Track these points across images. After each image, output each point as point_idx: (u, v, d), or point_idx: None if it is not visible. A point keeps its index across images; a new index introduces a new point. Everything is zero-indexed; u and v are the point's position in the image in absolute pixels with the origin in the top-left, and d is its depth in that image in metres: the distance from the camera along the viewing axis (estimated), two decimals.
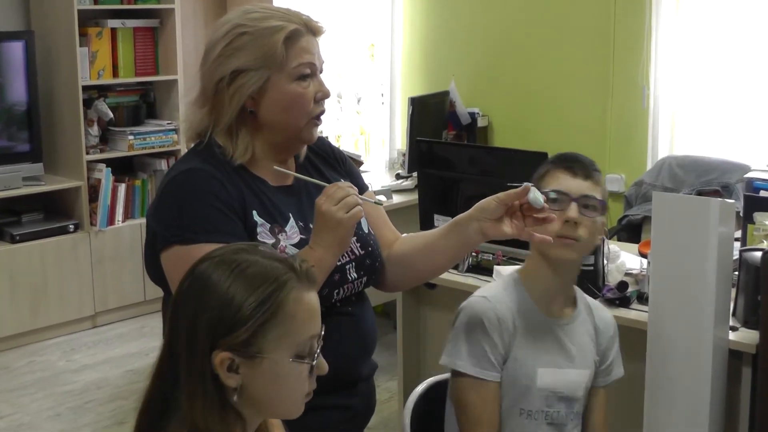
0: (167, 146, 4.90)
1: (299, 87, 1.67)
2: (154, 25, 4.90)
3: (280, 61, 1.65)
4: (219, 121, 1.68)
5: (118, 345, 4.49)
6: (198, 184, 1.63)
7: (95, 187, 4.65)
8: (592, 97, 4.66)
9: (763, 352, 2.28)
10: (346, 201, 1.60)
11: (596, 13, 4.59)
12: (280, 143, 1.72)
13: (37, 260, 4.46)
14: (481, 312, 1.86)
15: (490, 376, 1.84)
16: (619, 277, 2.76)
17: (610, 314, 2.09)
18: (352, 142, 5.70)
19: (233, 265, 1.22)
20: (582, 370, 1.92)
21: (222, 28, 1.70)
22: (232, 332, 1.19)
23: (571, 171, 1.88)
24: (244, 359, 1.20)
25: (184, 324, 1.22)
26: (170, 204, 1.65)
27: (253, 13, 1.69)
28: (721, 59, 4.24)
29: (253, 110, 1.68)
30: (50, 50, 4.61)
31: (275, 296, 1.21)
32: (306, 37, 1.69)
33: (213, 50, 1.68)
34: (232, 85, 1.65)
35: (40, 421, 3.70)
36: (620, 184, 4.59)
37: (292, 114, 1.68)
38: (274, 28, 1.65)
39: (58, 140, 4.69)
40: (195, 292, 1.22)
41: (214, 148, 1.69)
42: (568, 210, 1.83)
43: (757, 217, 2.74)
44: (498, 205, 1.68)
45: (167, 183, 1.67)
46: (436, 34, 5.27)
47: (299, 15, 1.70)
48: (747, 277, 2.43)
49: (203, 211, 1.61)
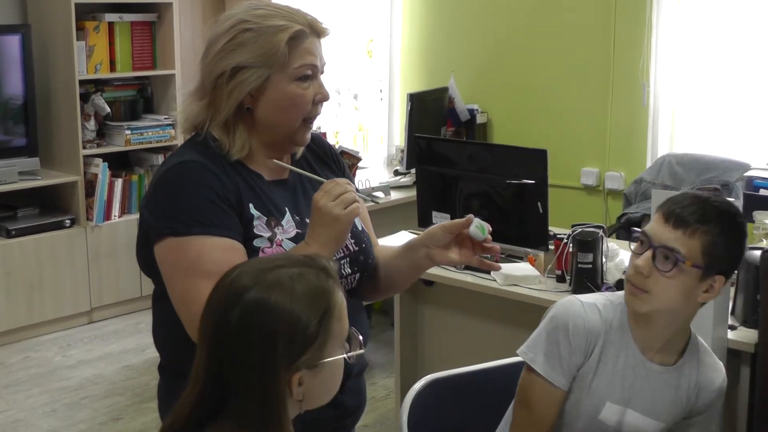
0: (164, 141, 4.88)
1: (299, 88, 1.66)
2: (152, 20, 4.88)
3: (282, 60, 1.64)
4: (216, 116, 1.67)
5: (114, 341, 4.47)
6: (193, 176, 1.62)
7: (92, 182, 4.63)
8: (592, 95, 4.65)
9: (761, 351, 2.27)
10: (343, 197, 1.59)
11: (597, 10, 4.58)
12: (274, 143, 1.71)
13: (32, 255, 4.44)
14: (572, 315, 1.77)
15: (558, 382, 1.77)
16: (617, 275, 2.75)
17: (722, 374, 1.87)
18: (350, 138, 5.69)
19: (282, 286, 1.22)
20: (655, 421, 1.80)
21: (226, 23, 1.68)
22: (306, 353, 1.21)
23: (664, 215, 1.70)
24: (310, 371, 1.23)
25: (252, 355, 1.20)
26: (164, 196, 1.63)
27: (259, 9, 1.67)
28: (721, 57, 4.23)
29: (251, 107, 1.67)
30: (47, 44, 4.59)
31: (329, 305, 1.24)
32: (310, 38, 1.67)
33: (215, 44, 1.67)
34: (231, 81, 1.64)
35: (35, 417, 3.68)
36: (620, 181, 4.57)
37: (288, 114, 1.67)
38: (278, 27, 1.64)
39: (54, 135, 4.67)
40: (257, 321, 1.21)
41: (209, 142, 1.67)
42: (640, 257, 1.70)
43: (757, 215, 2.74)
44: (443, 234, 1.69)
45: (162, 175, 1.66)
46: (436, 30, 5.26)
47: (304, 15, 1.69)
48: (746, 276, 2.42)
49: (198, 203, 1.60)
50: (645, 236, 1.71)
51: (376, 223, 1.95)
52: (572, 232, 2.76)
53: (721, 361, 2.18)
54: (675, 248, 1.67)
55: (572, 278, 2.74)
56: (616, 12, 4.50)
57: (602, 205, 4.69)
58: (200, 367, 1.25)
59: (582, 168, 4.73)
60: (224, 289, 1.25)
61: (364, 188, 4.15)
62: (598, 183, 4.70)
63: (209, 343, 1.24)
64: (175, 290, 1.60)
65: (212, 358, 1.24)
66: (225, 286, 1.26)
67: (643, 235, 1.72)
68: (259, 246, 1.63)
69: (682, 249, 1.66)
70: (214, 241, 1.57)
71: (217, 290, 1.27)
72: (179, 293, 1.59)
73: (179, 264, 1.58)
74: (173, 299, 1.61)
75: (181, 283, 1.58)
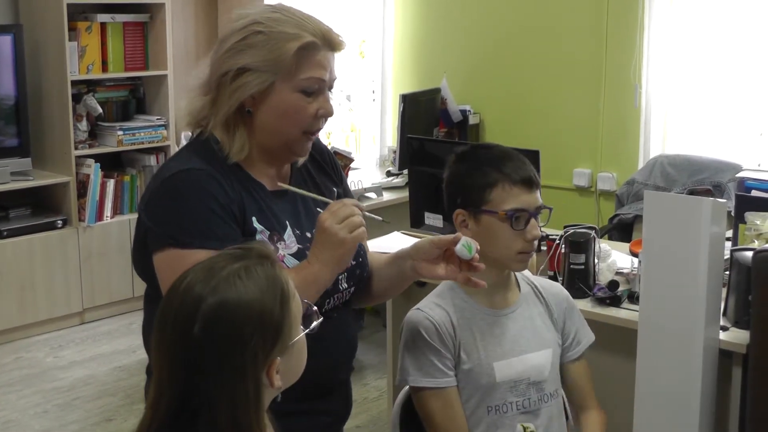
0: (156, 142, 4.87)
1: (301, 100, 1.64)
2: (144, 20, 4.87)
3: (288, 69, 1.61)
4: (217, 113, 1.65)
5: (106, 342, 4.46)
6: (198, 186, 1.59)
7: (84, 182, 4.62)
8: (584, 96, 4.65)
9: (753, 352, 2.27)
10: (350, 221, 1.57)
11: (589, 12, 4.59)
12: (272, 150, 1.69)
13: (24, 256, 4.43)
14: (417, 323, 1.86)
15: (443, 383, 1.83)
16: (610, 276, 2.75)
17: (560, 287, 2.07)
18: (342, 138, 5.69)
19: (233, 284, 1.20)
20: (540, 351, 1.90)
21: (240, 21, 1.66)
22: (278, 342, 1.21)
23: (527, 186, 1.84)
24: (284, 355, 1.23)
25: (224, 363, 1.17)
26: (167, 204, 1.60)
27: (275, 13, 1.65)
28: (713, 59, 4.24)
29: (251, 110, 1.65)
30: (39, 44, 4.57)
31: (282, 288, 1.23)
32: (322, 51, 1.64)
33: (226, 41, 1.65)
34: (235, 81, 1.62)
35: (26, 418, 3.67)
36: (612, 182, 4.58)
37: (286, 123, 1.65)
38: (290, 35, 1.61)
39: (46, 135, 4.66)
40: (223, 328, 1.18)
41: (212, 144, 1.65)
42: (532, 228, 1.83)
43: (749, 216, 2.74)
44: (431, 248, 1.69)
45: (165, 180, 1.62)
46: (428, 31, 5.26)
47: (320, 26, 1.65)
48: (738, 277, 2.42)
49: (202, 214, 1.57)
50: (522, 211, 1.82)
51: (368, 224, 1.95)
52: (564, 232, 2.77)
53: (713, 362, 2.20)
54: (542, 204, 1.86)
55: (564, 279, 2.74)
56: (608, 13, 4.51)
57: (594, 206, 4.70)
58: (164, 385, 1.20)
59: (574, 169, 4.74)
60: (178, 305, 1.20)
61: (356, 189, 4.15)
62: (591, 184, 4.71)
63: (173, 361, 1.19)
64: None
65: (179, 374, 1.19)
66: (178, 302, 1.21)
67: (520, 212, 1.82)
68: None
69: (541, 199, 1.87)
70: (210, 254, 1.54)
71: (169, 306, 1.22)
72: None
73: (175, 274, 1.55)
74: None
75: None
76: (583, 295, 2.64)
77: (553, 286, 2.05)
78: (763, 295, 2.22)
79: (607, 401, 2.11)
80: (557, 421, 1.92)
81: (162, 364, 1.21)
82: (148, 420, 1.21)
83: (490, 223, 1.84)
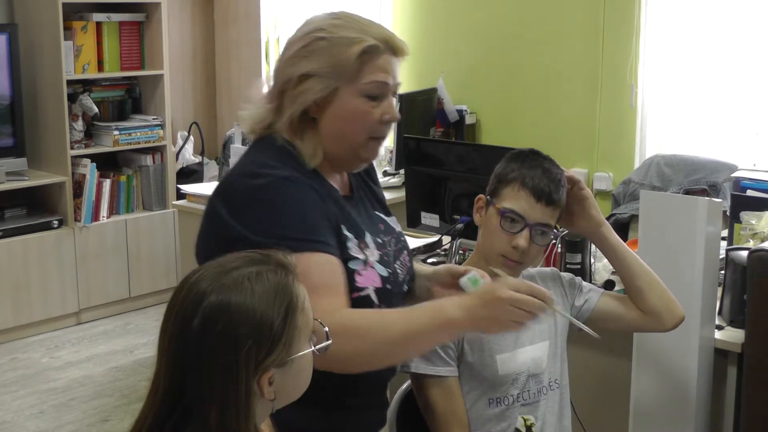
0: (153, 141, 4.87)
1: (365, 105, 1.62)
2: (140, 20, 4.87)
3: (351, 74, 1.60)
4: (280, 119, 1.63)
5: (102, 342, 4.46)
6: (297, 194, 1.56)
7: (80, 182, 4.62)
8: (580, 96, 4.65)
9: (748, 351, 2.28)
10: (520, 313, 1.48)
11: (585, 12, 4.59)
12: (340, 156, 1.66)
13: (20, 256, 4.42)
14: None
15: (445, 371, 1.84)
16: (605, 275, 2.76)
17: (550, 270, 2.05)
18: None
19: (241, 287, 1.20)
20: (538, 343, 1.91)
21: (304, 28, 1.65)
22: (273, 352, 1.20)
23: (535, 196, 1.84)
24: (280, 368, 1.21)
25: (217, 362, 1.17)
26: (267, 212, 1.54)
27: (337, 19, 1.64)
28: (709, 59, 4.24)
29: (315, 117, 1.63)
30: (34, 44, 4.57)
31: (291, 300, 1.22)
32: (384, 55, 1.63)
33: (289, 49, 1.65)
34: (298, 88, 1.61)
35: (22, 419, 3.66)
36: (608, 182, 4.58)
37: (351, 129, 1.63)
38: (351, 39, 1.60)
39: (42, 135, 4.65)
40: (220, 326, 1.18)
41: (289, 149, 1.63)
42: (519, 237, 1.82)
43: (744, 216, 2.74)
44: (447, 275, 1.72)
45: (260, 188, 1.56)
46: (425, 31, 5.26)
47: (382, 31, 1.64)
48: (733, 277, 2.43)
49: (304, 219, 1.54)
50: (518, 216, 1.82)
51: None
52: (561, 232, 2.77)
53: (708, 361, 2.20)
54: (549, 224, 1.85)
55: None
56: (604, 14, 4.51)
57: None
58: (160, 378, 1.21)
59: (570, 169, 4.73)
60: (183, 297, 1.22)
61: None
62: (587, 184, 4.69)
63: (171, 353, 1.21)
64: None
65: (175, 368, 1.20)
66: (183, 294, 1.22)
67: (515, 215, 1.83)
68: (354, 268, 1.59)
69: (552, 222, 1.86)
70: (321, 257, 1.52)
71: (176, 298, 1.23)
72: None
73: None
74: None
75: None
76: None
77: (543, 272, 2.03)
78: (758, 294, 2.22)
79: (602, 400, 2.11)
80: (556, 414, 1.92)
81: (161, 354, 1.22)
82: (145, 411, 1.22)
83: (490, 215, 1.87)
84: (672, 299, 1.93)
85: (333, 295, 1.49)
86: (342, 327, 1.41)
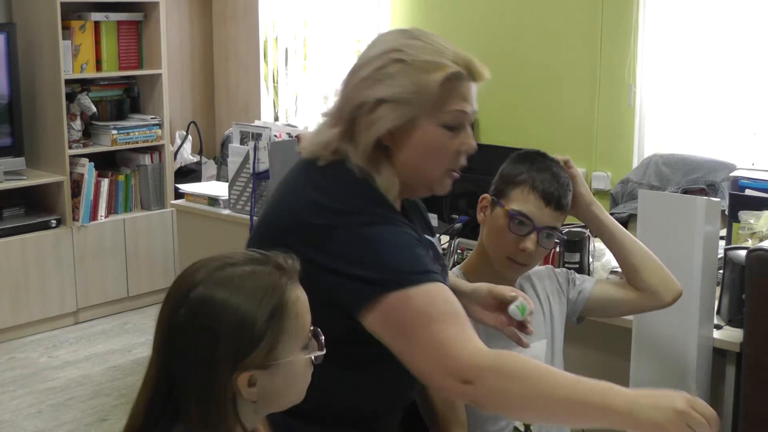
0: (151, 141, 4.87)
1: (443, 135, 1.51)
2: (139, 19, 4.86)
3: (432, 102, 1.47)
4: (355, 148, 1.50)
5: (100, 341, 4.45)
6: (399, 228, 1.48)
7: (78, 181, 4.61)
8: (579, 95, 4.65)
9: (747, 351, 2.28)
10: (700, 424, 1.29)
11: (583, 11, 4.59)
12: (410, 187, 1.56)
13: (18, 256, 4.42)
14: None
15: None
16: (604, 275, 2.75)
17: (545, 268, 2.04)
18: None
19: (230, 283, 1.19)
20: (536, 342, 1.90)
21: (377, 47, 1.53)
22: (252, 352, 1.18)
23: (545, 200, 1.84)
24: (263, 371, 1.19)
25: (196, 354, 1.18)
26: (371, 253, 1.43)
27: (415, 40, 1.51)
28: (708, 58, 4.24)
29: (389, 146, 1.51)
30: (32, 43, 4.56)
31: (280, 303, 1.20)
32: (466, 82, 1.52)
33: (361, 69, 1.51)
34: (372, 114, 1.48)
35: (20, 418, 3.66)
36: (606, 181, 4.58)
37: (429, 161, 1.53)
38: (434, 64, 1.48)
39: (40, 134, 4.65)
40: (201, 319, 1.19)
41: (370, 183, 1.50)
42: (527, 240, 1.83)
43: (743, 215, 2.74)
44: (488, 296, 1.69)
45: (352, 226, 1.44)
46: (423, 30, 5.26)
47: (464, 56, 1.52)
48: (732, 276, 2.43)
49: (412, 254, 1.46)
50: (527, 218, 1.83)
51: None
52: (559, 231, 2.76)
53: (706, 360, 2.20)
54: (556, 227, 1.86)
55: None
56: (602, 13, 4.51)
57: None
58: (152, 366, 1.22)
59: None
60: (178, 284, 1.22)
61: None
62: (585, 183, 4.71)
63: (160, 342, 1.22)
64: (417, 341, 1.40)
65: (163, 356, 1.21)
66: (179, 281, 1.23)
67: (523, 217, 1.83)
68: None
69: (559, 225, 1.87)
70: (437, 286, 1.44)
71: (173, 284, 1.23)
72: (423, 343, 1.39)
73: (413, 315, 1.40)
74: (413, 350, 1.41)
75: (422, 333, 1.39)
76: None
77: (538, 271, 2.02)
78: (756, 293, 2.22)
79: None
80: None
81: (154, 339, 1.23)
82: (140, 396, 1.23)
83: (497, 216, 1.87)
84: (668, 274, 1.93)
85: (466, 323, 1.42)
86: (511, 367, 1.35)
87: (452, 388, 1.33)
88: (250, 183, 3.65)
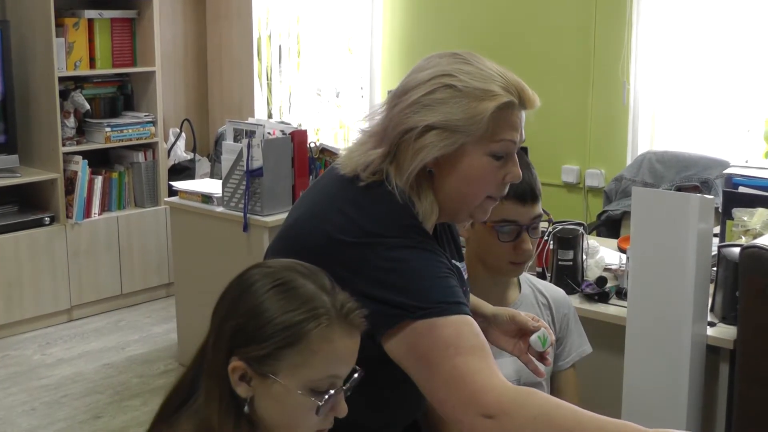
0: (144, 138, 4.86)
1: (491, 164, 1.48)
2: (132, 16, 4.85)
3: (482, 131, 1.44)
4: (399, 173, 1.47)
5: (94, 339, 4.45)
6: (436, 256, 1.46)
7: (71, 179, 4.60)
8: (572, 93, 4.66)
9: (740, 348, 2.28)
10: None
11: (577, 9, 4.59)
12: (450, 213, 1.53)
13: (11, 253, 4.41)
14: None
15: None
16: (598, 272, 2.76)
17: (563, 293, 2.09)
18: (331, 135, 5.68)
19: (279, 281, 1.21)
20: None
21: (427, 71, 1.49)
22: (250, 345, 1.19)
23: (521, 200, 1.84)
24: (257, 375, 1.20)
25: (215, 322, 1.24)
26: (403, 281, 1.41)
27: (467, 65, 1.49)
28: (701, 56, 4.25)
29: (433, 171, 1.48)
30: (26, 40, 4.55)
31: (303, 325, 1.19)
32: (517, 111, 1.50)
33: (410, 93, 1.47)
34: (420, 140, 1.44)
35: (14, 416, 3.65)
36: (600, 179, 4.59)
37: (472, 189, 1.49)
38: (487, 92, 1.45)
39: (33, 132, 4.64)
40: (233, 294, 1.23)
41: (411, 209, 1.47)
42: (522, 242, 1.86)
43: (736, 212, 2.75)
44: (509, 322, 1.67)
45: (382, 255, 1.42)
46: (416, 27, 5.26)
47: (516, 83, 1.50)
48: (725, 273, 2.43)
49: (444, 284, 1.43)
50: (511, 222, 1.85)
51: None
52: (553, 229, 2.77)
53: (700, 358, 2.20)
54: (539, 213, 1.88)
55: (553, 275, 2.75)
56: (596, 11, 4.51)
57: (582, 203, 4.71)
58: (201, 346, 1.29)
59: (562, 165, 4.75)
60: (241, 274, 1.28)
61: None
62: (579, 180, 4.72)
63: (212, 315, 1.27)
64: (441, 371, 1.38)
65: (210, 332, 1.27)
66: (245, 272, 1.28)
67: (507, 223, 1.85)
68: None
69: (540, 211, 1.89)
70: (465, 319, 1.42)
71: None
72: (447, 374, 1.37)
73: (439, 345, 1.38)
74: (435, 380, 1.38)
75: (447, 364, 1.37)
76: (572, 292, 2.64)
77: (557, 291, 2.06)
78: (750, 291, 2.23)
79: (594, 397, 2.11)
80: None
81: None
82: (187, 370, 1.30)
83: (481, 231, 1.87)
84: None
85: (491, 357, 1.40)
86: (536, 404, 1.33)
87: (472, 422, 1.31)
88: (244, 180, 3.65)
